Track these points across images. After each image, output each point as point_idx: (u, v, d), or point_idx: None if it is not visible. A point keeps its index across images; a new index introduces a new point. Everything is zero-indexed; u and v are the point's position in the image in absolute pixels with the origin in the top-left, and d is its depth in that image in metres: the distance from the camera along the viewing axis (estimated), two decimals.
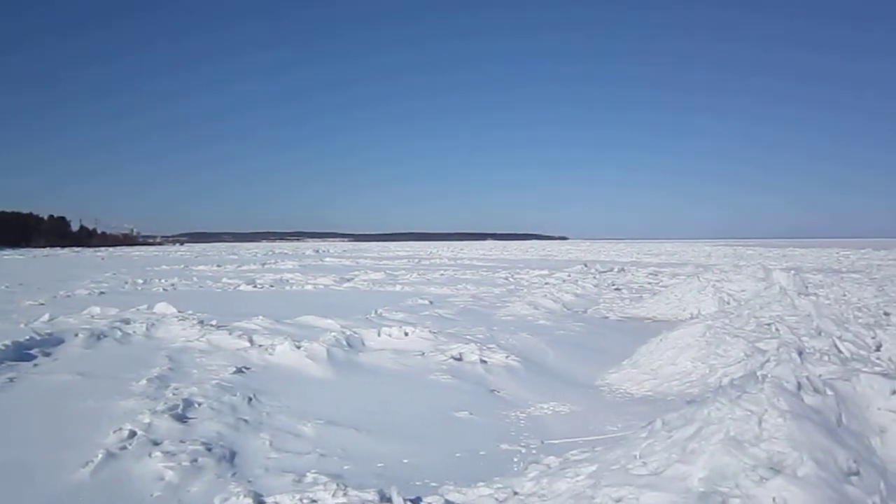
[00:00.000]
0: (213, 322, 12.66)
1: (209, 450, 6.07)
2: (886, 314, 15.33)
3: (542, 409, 8.35)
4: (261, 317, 13.27)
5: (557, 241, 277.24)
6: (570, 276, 32.18)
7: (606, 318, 18.02)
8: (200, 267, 41.29)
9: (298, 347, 10.22)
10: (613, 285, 27.48)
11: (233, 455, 6.15)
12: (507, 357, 10.53)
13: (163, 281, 27.49)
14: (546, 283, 27.39)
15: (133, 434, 6.23)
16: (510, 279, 30.79)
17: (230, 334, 11.37)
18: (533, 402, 8.63)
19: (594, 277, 31.42)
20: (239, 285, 25.78)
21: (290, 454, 6.31)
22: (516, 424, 7.64)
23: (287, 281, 28.52)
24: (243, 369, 9.29)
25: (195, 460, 5.76)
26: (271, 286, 26.22)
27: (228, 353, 10.23)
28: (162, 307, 15.10)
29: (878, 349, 11.40)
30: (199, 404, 7.38)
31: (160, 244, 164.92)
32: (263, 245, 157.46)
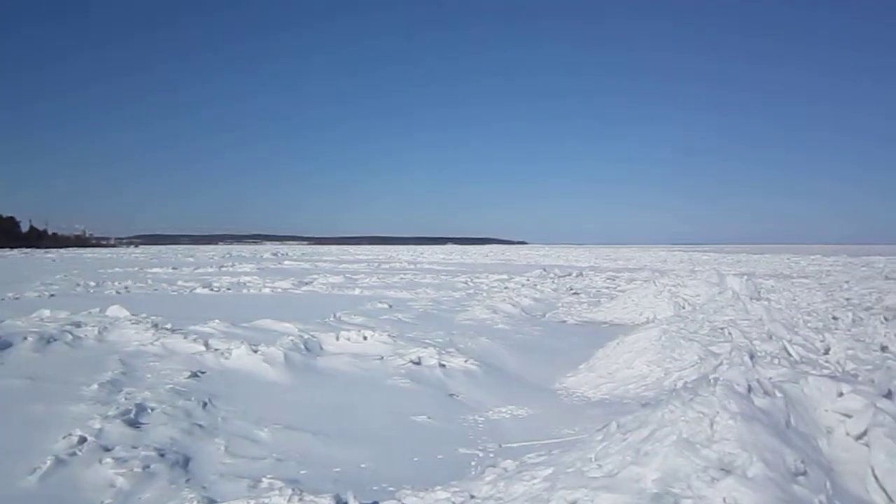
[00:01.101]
0: (168, 326, 12.43)
1: (162, 455, 5.97)
2: (835, 318, 15.73)
3: (500, 412, 8.39)
4: (217, 320, 13.09)
5: (517, 245, 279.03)
6: (529, 280, 32.40)
7: (564, 322, 18.19)
8: (155, 269, 40.54)
9: (255, 351, 10.10)
10: (572, 290, 27.75)
11: (187, 461, 6.05)
12: (465, 361, 10.56)
13: (116, 283, 26.92)
14: (505, 288, 27.53)
15: (83, 440, 6.09)
16: (469, 283, 30.89)
17: (185, 338, 11.18)
18: (491, 405, 8.66)
19: (553, 282, 31.67)
20: (195, 288, 25.40)
21: (246, 459, 6.24)
22: (474, 428, 7.67)
23: (244, 284, 28.18)
24: (198, 373, 9.14)
25: (147, 466, 5.66)
26: (228, 289, 25.89)
27: (183, 358, 10.05)
28: (115, 310, 14.78)
29: (826, 352, 11.70)
30: (153, 409, 7.24)
31: (114, 246, 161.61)
32: (221, 248, 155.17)
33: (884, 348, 12.66)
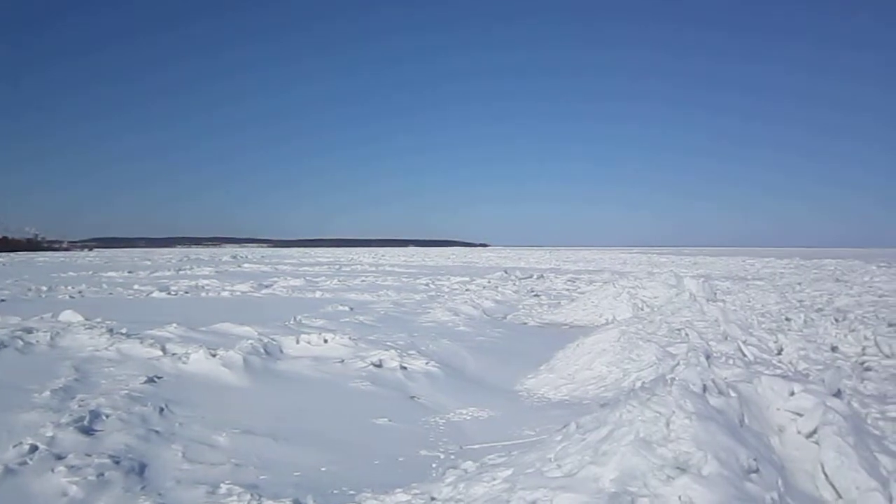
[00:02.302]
0: (124, 330, 12.19)
1: (117, 463, 5.85)
2: (788, 319, 16.10)
3: (461, 414, 8.41)
4: (174, 324, 12.88)
5: (479, 248, 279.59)
6: (490, 282, 32.52)
7: (525, 324, 18.31)
8: (110, 273, 39.72)
9: (214, 356, 9.97)
10: (532, 292, 27.95)
11: (143, 468, 5.95)
12: (427, 363, 10.56)
13: (69, 288, 26.29)
14: (467, 290, 27.60)
15: (34, 448, 5.94)
16: (431, 285, 30.90)
17: (141, 343, 10.98)
18: (452, 407, 8.68)
19: (514, 284, 31.85)
20: (152, 292, 24.94)
21: (204, 465, 6.15)
22: (436, 430, 7.68)
23: (203, 287, 27.78)
24: (155, 379, 8.99)
25: (102, 474, 5.55)
26: (186, 293, 25.50)
27: (139, 363, 9.88)
28: (68, 315, 14.45)
29: (779, 353, 11.98)
30: (107, 416, 7.10)
31: (67, 249, 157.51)
32: (179, 251, 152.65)
33: (834, 348, 13.00)
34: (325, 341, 11.80)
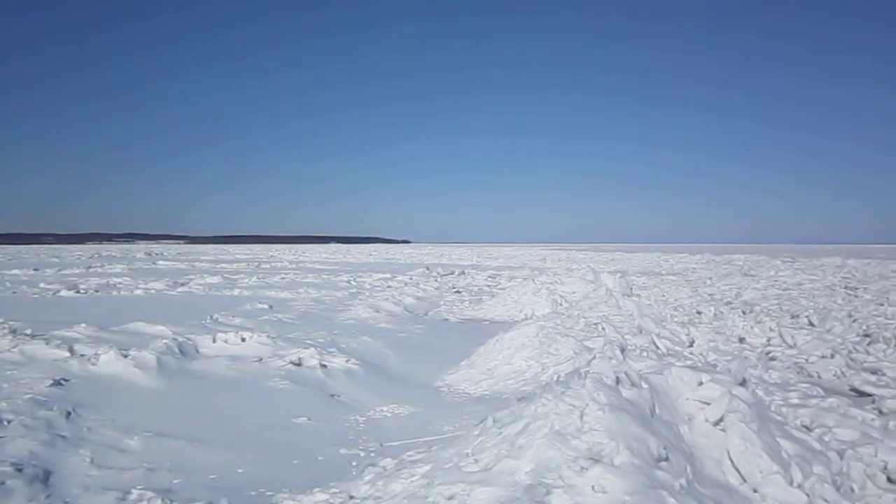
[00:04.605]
0: (28, 331, 11.62)
1: (19, 470, 5.58)
2: (699, 313, 16.75)
3: (381, 411, 8.40)
4: (83, 324, 12.36)
5: (400, 244, 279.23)
6: (411, 279, 32.53)
7: (447, 320, 18.39)
8: (14, 271, 37.77)
9: (125, 356, 9.62)
10: (454, 288, 28.11)
11: (47, 475, 5.69)
12: (347, 361, 10.49)
13: None
14: (388, 287, 27.53)
15: None
16: (352, 282, 30.67)
17: (47, 344, 10.50)
18: (373, 405, 8.66)
19: (435, 280, 31.96)
20: (59, 291, 23.87)
21: (114, 470, 5.94)
22: (355, 428, 7.64)
23: (115, 285, 26.75)
24: (62, 381, 8.60)
25: (2, 483, 5.28)
26: (96, 291, 24.52)
27: (45, 365, 9.44)
28: None
29: (691, 345, 12.44)
30: (9, 421, 6.76)
31: None
32: (89, 247, 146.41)
33: (742, 340, 13.60)
34: (243, 340, 11.55)
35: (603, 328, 12.33)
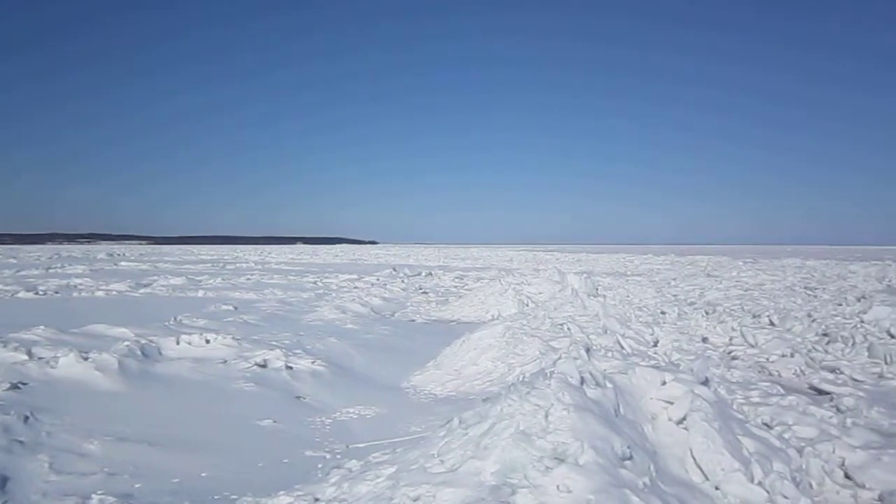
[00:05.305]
0: None
1: None
2: (663, 313, 16.96)
3: (348, 413, 8.35)
4: (42, 326, 12.11)
5: (367, 245, 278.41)
6: (378, 280, 32.45)
7: (413, 321, 18.38)
8: None
9: (86, 359, 9.44)
10: (421, 289, 28.10)
11: (4, 481, 5.56)
12: (313, 362, 10.41)
13: None
14: (355, 288, 27.42)
15: None
16: (319, 283, 30.50)
17: (4, 347, 10.25)
18: (339, 406, 8.61)
19: (402, 281, 31.92)
20: (17, 292, 23.34)
21: (74, 476, 5.82)
22: (321, 430, 7.59)
23: (75, 287, 26.23)
24: (19, 385, 8.41)
25: None
26: (56, 293, 24.02)
27: (2, 368, 9.20)
28: None
29: (655, 344, 12.58)
30: None
31: None
32: (49, 248, 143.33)
33: (705, 339, 13.80)
34: (207, 342, 11.41)
35: (569, 328, 12.41)
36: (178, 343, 11.27)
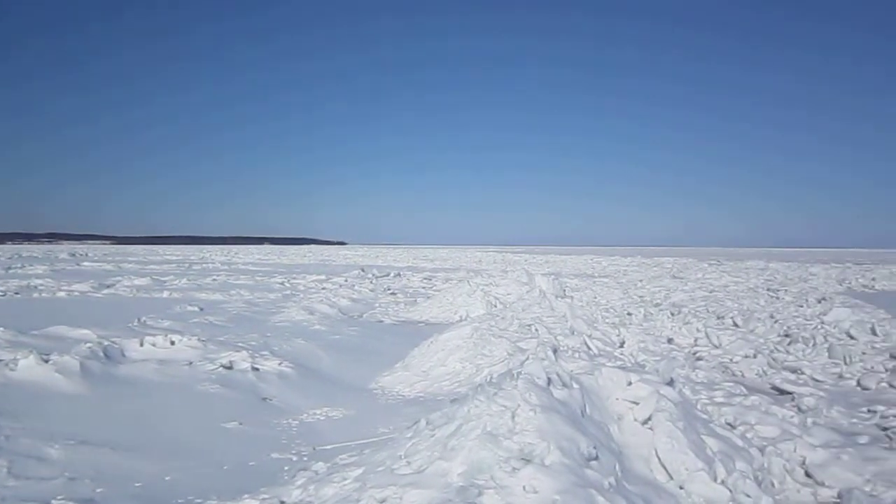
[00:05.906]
0: None
1: None
2: (629, 314, 17.14)
3: (315, 415, 8.30)
4: (1, 328, 11.86)
5: (336, 245, 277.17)
6: (346, 280, 32.31)
7: (382, 322, 18.33)
8: None
9: (46, 361, 9.25)
10: (389, 290, 28.04)
11: None
12: (280, 364, 10.33)
13: None
14: (323, 288, 27.27)
15: None
16: (286, 284, 30.29)
17: None
18: (306, 408, 8.55)
19: (371, 282, 31.81)
20: None
21: (33, 480, 5.70)
22: (288, 432, 7.53)
23: (35, 287, 25.72)
24: None
25: None
26: (16, 293, 23.52)
27: None
28: None
29: (622, 345, 12.70)
30: None
31: None
32: (9, 248, 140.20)
33: (670, 340, 13.97)
34: (172, 343, 11.25)
35: (536, 329, 12.48)
36: (142, 345, 11.09)
